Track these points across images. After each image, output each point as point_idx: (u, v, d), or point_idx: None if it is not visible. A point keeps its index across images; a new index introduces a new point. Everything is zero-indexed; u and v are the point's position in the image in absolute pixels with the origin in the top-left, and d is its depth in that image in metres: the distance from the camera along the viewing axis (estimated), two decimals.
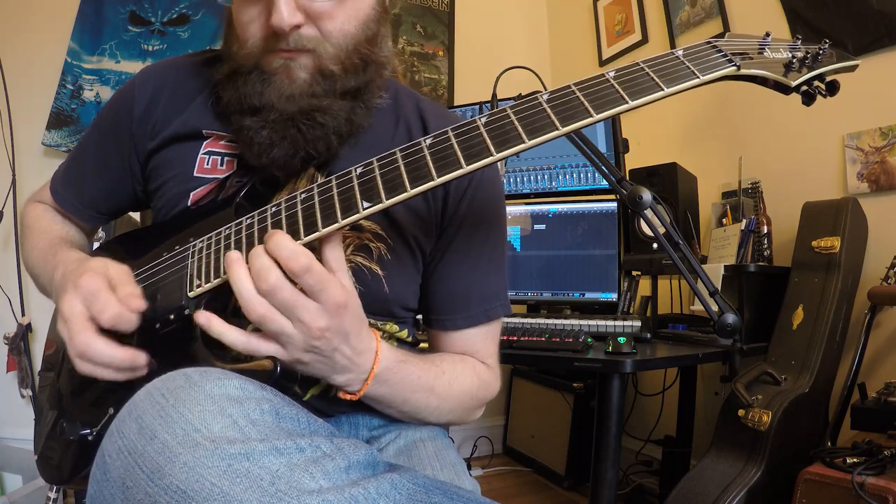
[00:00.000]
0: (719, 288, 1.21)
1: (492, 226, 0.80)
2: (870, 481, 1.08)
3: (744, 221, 1.70)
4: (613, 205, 1.71)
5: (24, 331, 1.87)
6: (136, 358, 0.57)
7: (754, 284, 1.58)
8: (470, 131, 0.54)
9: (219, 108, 0.72)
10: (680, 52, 0.55)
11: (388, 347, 0.64)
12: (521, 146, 0.52)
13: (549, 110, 0.53)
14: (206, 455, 0.41)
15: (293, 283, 0.53)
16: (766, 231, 1.68)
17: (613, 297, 1.68)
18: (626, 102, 0.52)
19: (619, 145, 1.78)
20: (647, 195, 0.81)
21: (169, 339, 0.60)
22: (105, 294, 0.58)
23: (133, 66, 2.09)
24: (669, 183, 1.72)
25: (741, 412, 1.37)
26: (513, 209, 1.81)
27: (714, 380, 1.91)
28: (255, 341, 0.54)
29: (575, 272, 1.74)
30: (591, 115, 0.52)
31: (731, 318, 0.74)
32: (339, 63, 0.65)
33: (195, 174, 0.73)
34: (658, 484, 1.90)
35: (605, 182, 1.50)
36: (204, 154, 0.73)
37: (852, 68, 0.56)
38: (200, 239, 0.63)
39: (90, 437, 0.62)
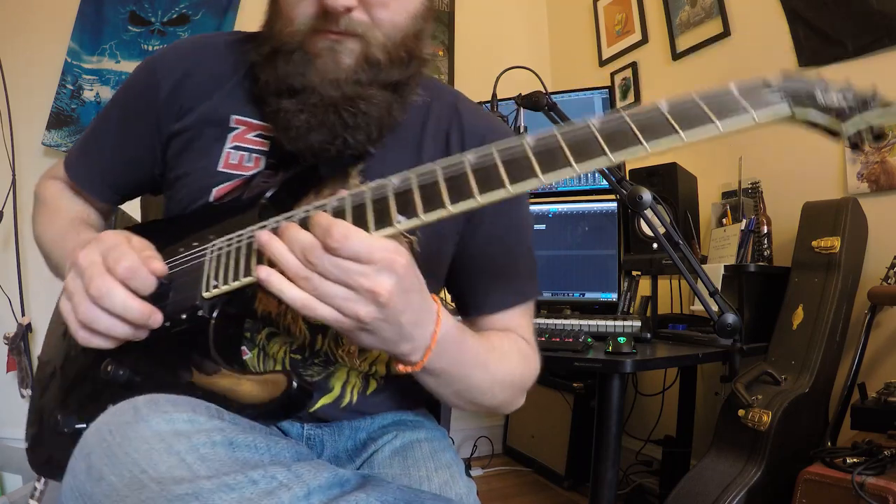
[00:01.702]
0: (719, 288, 1.21)
1: (517, 208, 0.78)
2: (870, 481, 1.08)
3: (744, 221, 1.70)
4: (613, 205, 1.71)
5: (24, 331, 1.87)
6: (153, 315, 0.55)
7: (754, 284, 1.57)
8: (517, 154, 0.51)
9: (254, 91, 0.69)
10: (734, 88, 0.51)
11: (445, 312, 0.57)
12: (569, 170, 0.49)
13: (598, 137, 0.49)
14: (152, 497, 0.41)
15: None
16: (766, 231, 1.68)
17: (613, 297, 1.68)
18: (679, 135, 0.48)
19: None
20: (647, 195, 0.81)
21: (178, 340, 0.58)
22: (126, 247, 0.55)
23: (133, 67, 2.08)
24: (669, 183, 1.72)
25: (741, 412, 1.37)
26: None
27: (714, 380, 1.91)
28: (313, 301, 0.49)
29: (575, 272, 1.74)
30: (644, 148, 0.48)
31: (731, 318, 0.74)
32: (386, 53, 0.63)
33: (220, 169, 0.69)
34: (658, 484, 1.90)
35: (605, 182, 1.50)
36: (231, 148, 0.70)
37: None
38: (221, 239, 0.60)
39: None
